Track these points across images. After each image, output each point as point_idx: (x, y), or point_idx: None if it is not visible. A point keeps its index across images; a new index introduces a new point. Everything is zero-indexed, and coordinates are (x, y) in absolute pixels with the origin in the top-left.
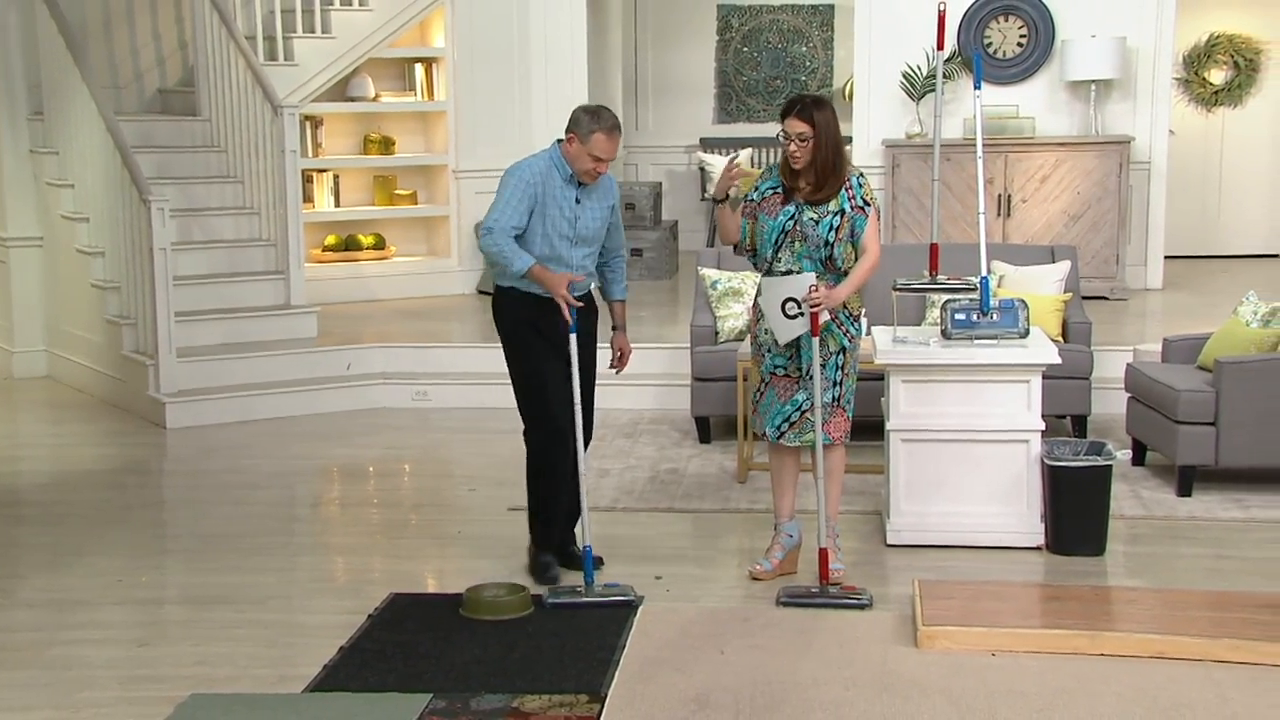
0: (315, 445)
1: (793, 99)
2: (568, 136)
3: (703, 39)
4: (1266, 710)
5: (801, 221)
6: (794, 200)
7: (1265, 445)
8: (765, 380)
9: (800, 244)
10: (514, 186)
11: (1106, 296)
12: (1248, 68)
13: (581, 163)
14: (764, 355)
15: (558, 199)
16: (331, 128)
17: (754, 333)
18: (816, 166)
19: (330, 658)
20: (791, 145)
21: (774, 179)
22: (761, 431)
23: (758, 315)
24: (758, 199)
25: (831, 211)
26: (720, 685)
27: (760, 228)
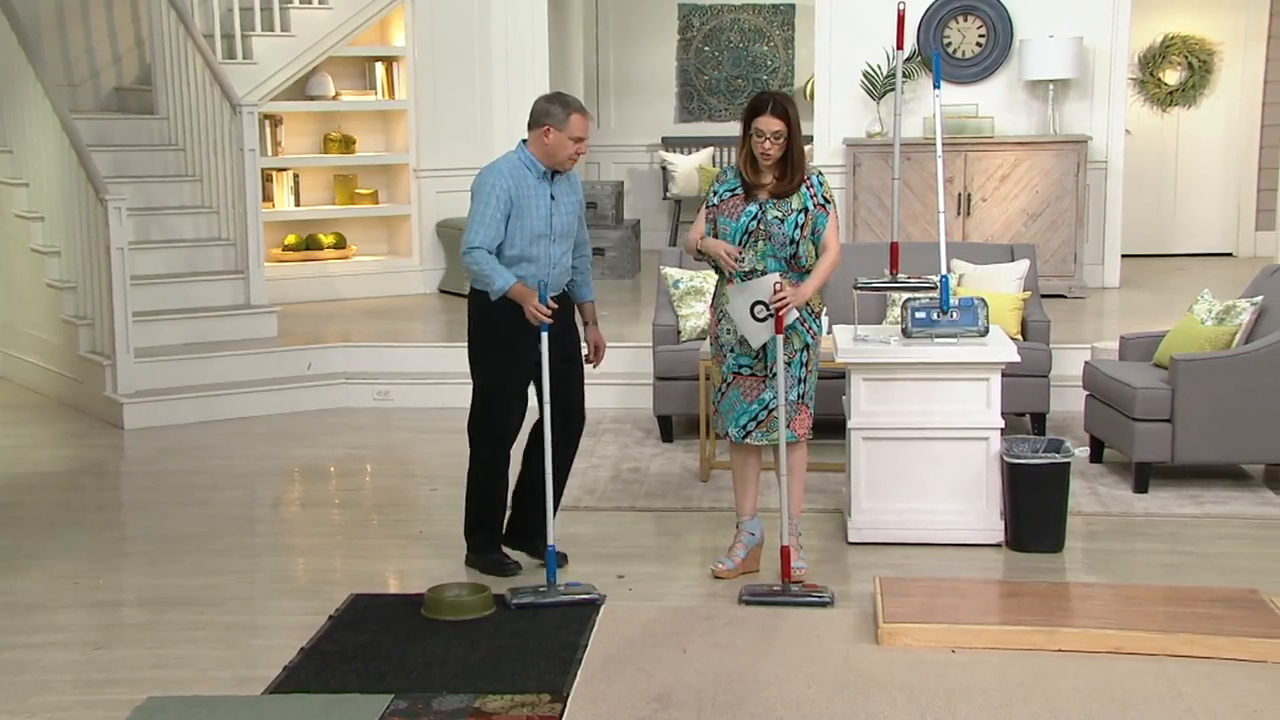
0: (276, 446)
1: (761, 97)
2: (541, 129)
3: (664, 38)
4: (1219, 704)
5: (766, 220)
6: (755, 200)
7: (1220, 442)
8: (728, 380)
9: (764, 243)
10: (486, 199)
11: (1065, 295)
12: (1201, 68)
13: (563, 149)
14: (726, 355)
15: (533, 199)
16: (291, 126)
17: (715, 333)
18: (785, 162)
19: (291, 659)
20: (765, 142)
21: (731, 181)
22: (724, 432)
23: (718, 316)
24: (716, 202)
25: (795, 209)
26: (682, 684)
27: (722, 230)
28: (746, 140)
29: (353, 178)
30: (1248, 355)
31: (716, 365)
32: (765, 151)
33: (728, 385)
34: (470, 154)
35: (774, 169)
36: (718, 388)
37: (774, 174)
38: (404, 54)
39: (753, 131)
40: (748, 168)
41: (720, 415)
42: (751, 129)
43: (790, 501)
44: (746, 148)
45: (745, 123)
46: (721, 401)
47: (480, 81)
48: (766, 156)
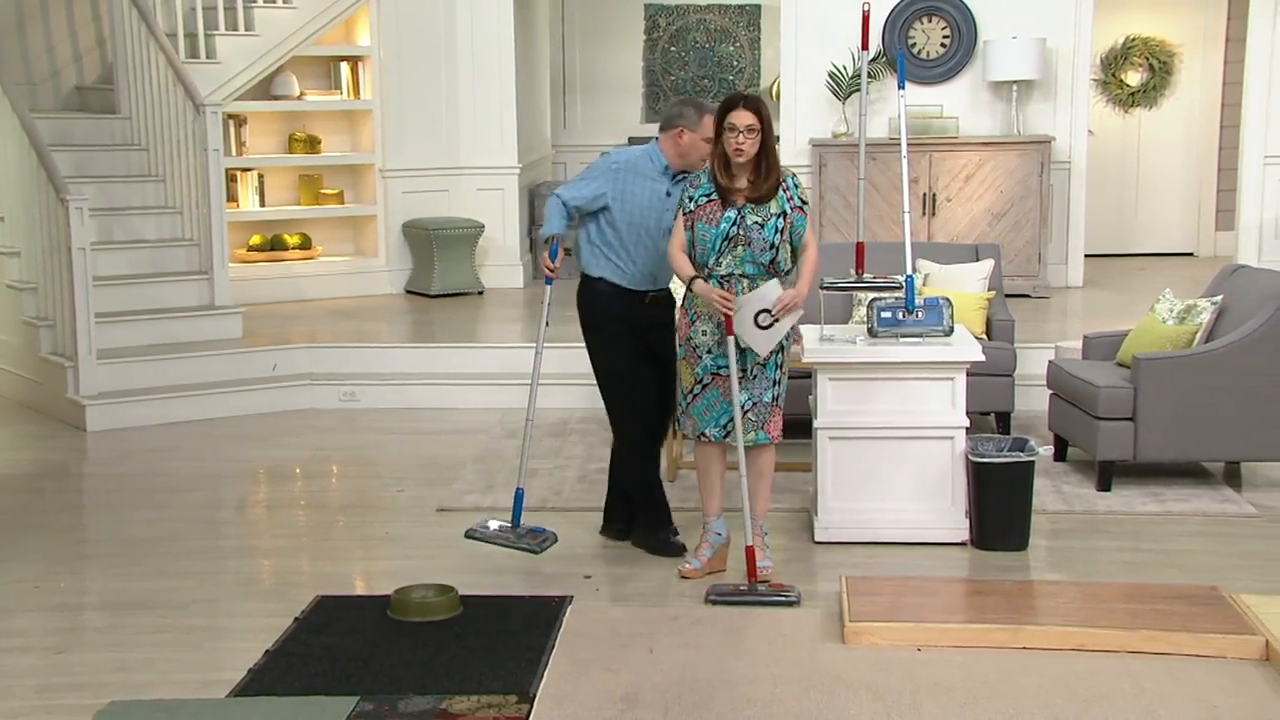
0: (241, 447)
1: (732, 95)
2: (675, 130)
3: (630, 38)
4: (1180, 699)
5: (746, 226)
6: (733, 205)
7: (1181, 440)
8: (703, 382)
9: (744, 249)
10: (595, 167)
11: (1029, 294)
12: (1162, 70)
13: (698, 150)
14: (702, 357)
15: (642, 191)
16: (256, 126)
17: (685, 335)
18: (760, 162)
19: (256, 661)
20: (740, 137)
21: (705, 185)
22: (695, 434)
23: (689, 318)
24: (693, 208)
25: (774, 214)
26: (649, 684)
27: (702, 235)
28: (719, 141)
29: (318, 178)
30: (1208, 354)
31: (688, 367)
32: (739, 147)
33: (704, 387)
34: (436, 154)
35: (748, 171)
36: (689, 389)
37: (748, 176)
38: (369, 54)
39: (726, 127)
40: (721, 171)
41: (691, 417)
42: (725, 125)
43: (757, 502)
44: (719, 149)
45: (717, 123)
46: (694, 404)
47: (446, 81)
48: (740, 153)
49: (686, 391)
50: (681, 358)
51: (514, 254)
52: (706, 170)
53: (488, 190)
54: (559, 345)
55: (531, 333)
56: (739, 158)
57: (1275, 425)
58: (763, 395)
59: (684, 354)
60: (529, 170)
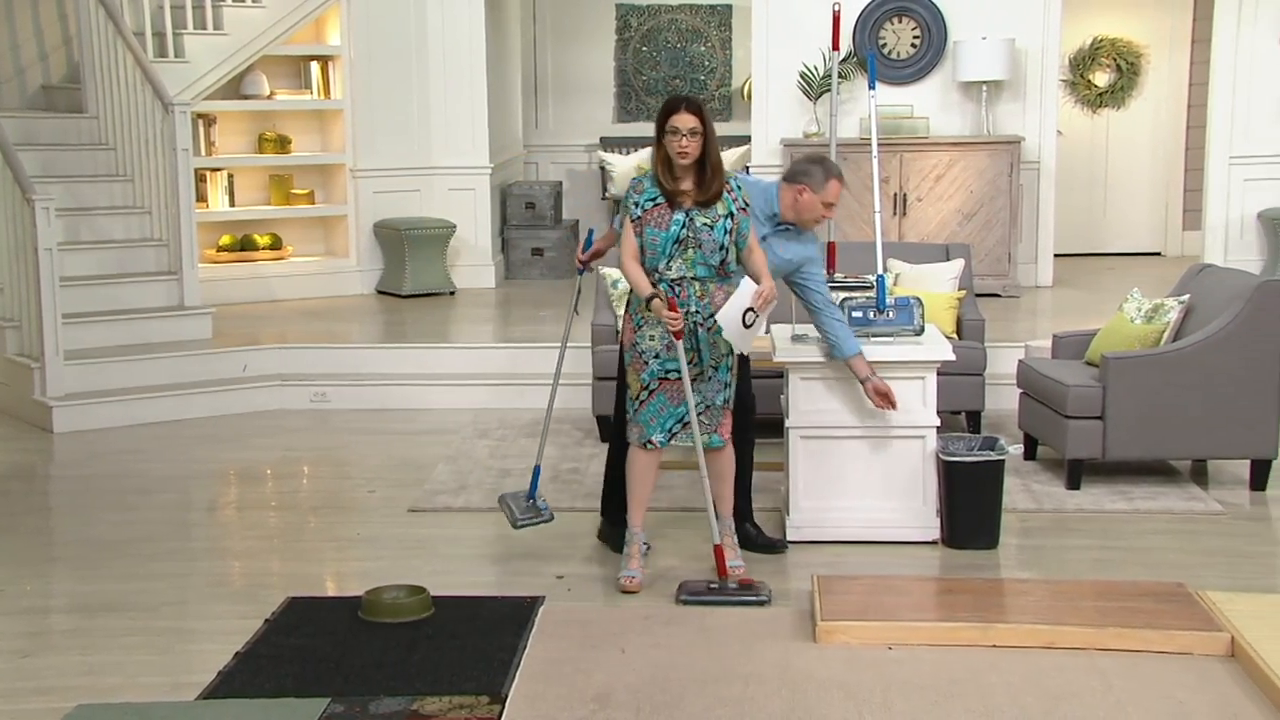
0: (210, 448)
1: (673, 97)
2: (797, 186)
3: (602, 38)
4: (1147, 696)
5: (695, 228)
6: (680, 207)
7: (1149, 438)
8: (649, 387)
9: (694, 251)
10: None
11: (999, 294)
12: (1129, 70)
13: (813, 211)
14: (649, 362)
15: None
16: (225, 126)
17: (631, 341)
18: (704, 163)
19: (225, 664)
20: (683, 140)
21: (650, 190)
22: (642, 441)
23: (635, 324)
24: (640, 214)
25: (722, 215)
26: (621, 684)
27: (651, 240)
28: (661, 145)
29: (288, 178)
30: (1175, 353)
31: (635, 373)
32: (683, 149)
33: (650, 392)
34: (408, 154)
35: (692, 173)
36: (635, 396)
37: (692, 179)
38: (339, 53)
39: (669, 130)
40: (665, 173)
41: (637, 424)
42: (667, 128)
43: (721, 503)
44: (662, 152)
45: (659, 126)
46: (641, 410)
47: (417, 81)
48: (684, 155)
49: (633, 398)
50: (629, 364)
51: (486, 254)
52: (649, 174)
53: (459, 190)
54: (530, 345)
55: (503, 333)
56: (683, 160)
57: (1240, 423)
58: (715, 398)
59: (629, 360)
60: (501, 170)
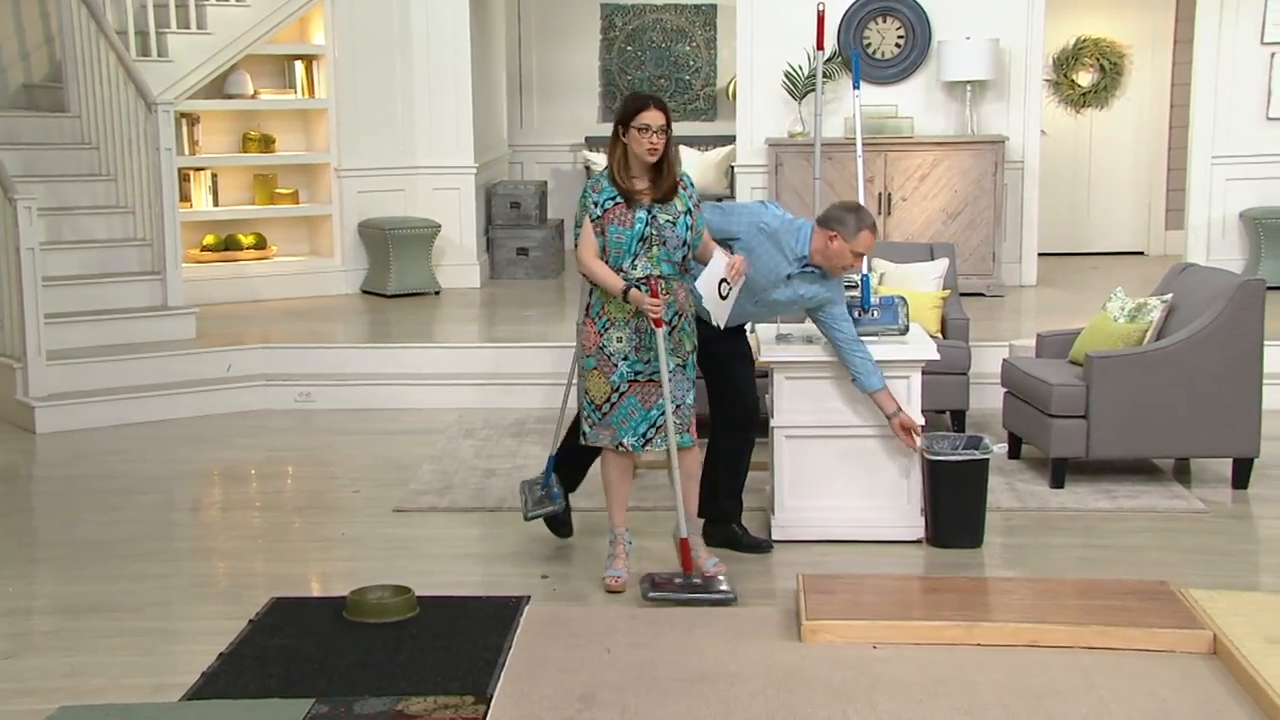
0: (194, 449)
1: (639, 95)
2: (829, 233)
3: (587, 38)
4: (1130, 693)
5: (658, 225)
6: (640, 205)
7: (1132, 437)
8: (619, 390)
9: (659, 248)
10: (748, 210)
11: (983, 293)
12: (1113, 70)
13: (843, 259)
14: (618, 365)
15: (777, 261)
16: (209, 125)
17: (597, 344)
18: (665, 161)
19: (209, 665)
20: (654, 137)
21: (608, 189)
22: (614, 444)
23: (599, 327)
24: (601, 214)
25: (681, 211)
26: (606, 684)
27: (616, 239)
28: (620, 143)
29: (272, 177)
30: (1158, 352)
31: (602, 377)
32: (654, 146)
33: (621, 395)
34: (392, 154)
35: (648, 171)
36: (606, 399)
37: (648, 177)
38: (324, 52)
39: (637, 127)
40: (622, 172)
41: (608, 428)
42: (636, 125)
43: (688, 502)
44: (621, 149)
45: (623, 123)
46: (612, 414)
47: (402, 81)
48: (654, 152)
49: (601, 402)
50: (592, 369)
51: (471, 253)
52: (604, 173)
53: (444, 190)
54: (515, 345)
55: (488, 332)
56: (651, 157)
57: (1222, 422)
58: (685, 397)
59: (595, 364)
60: (485, 170)
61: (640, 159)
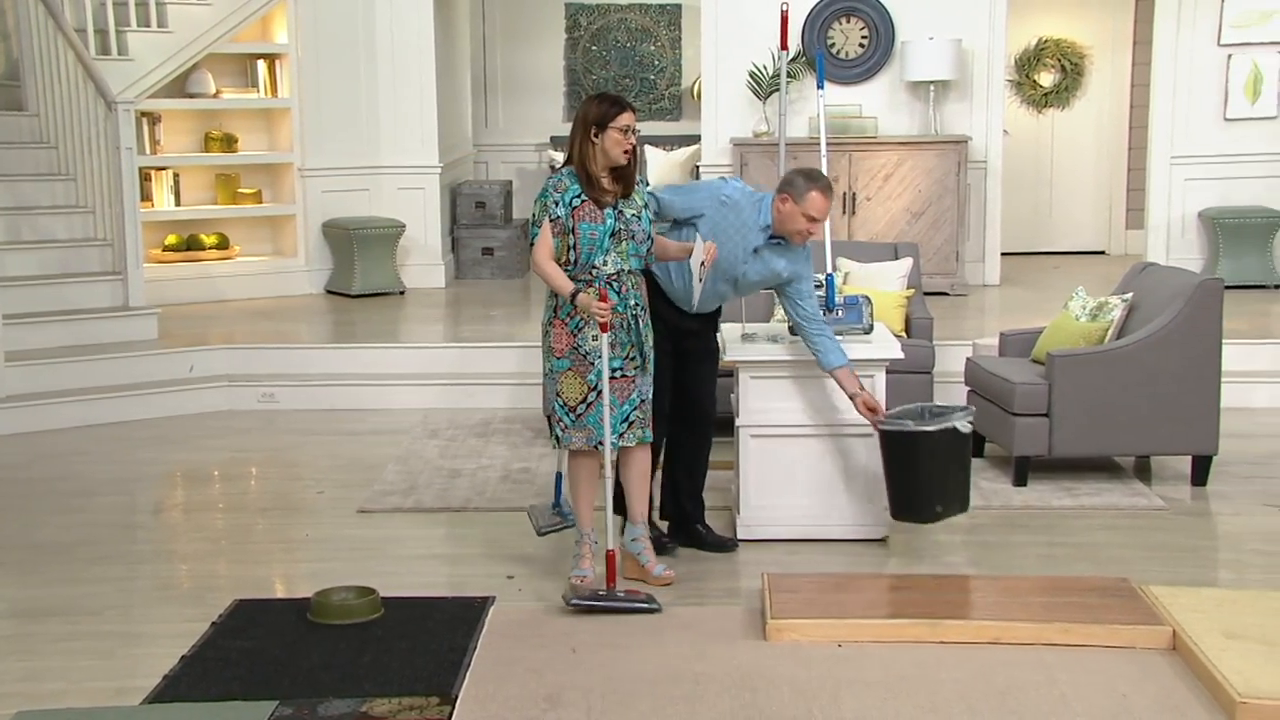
0: (156, 450)
1: (615, 97)
2: (782, 197)
3: (551, 37)
4: (1091, 689)
5: (626, 219)
6: (604, 202)
7: (1094, 435)
8: (596, 389)
9: (628, 242)
10: (708, 186)
11: (947, 292)
12: (1073, 71)
13: (795, 222)
14: (592, 364)
15: (740, 233)
16: (170, 124)
17: (570, 344)
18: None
19: (171, 668)
20: (631, 137)
21: (573, 187)
22: (591, 444)
23: (572, 328)
24: (566, 212)
25: (640, 206)
26: (572, 684)
27: (589, 235)
28: (590, 143)
29: (235, 177)
30: (1119, 350)
31: (578, 378)
32: (629, 148)
33: (599, 394)
34: (356, 153)
35: (613, 174)
36: (582, 399)
37: (614, 179)
38: (286, 51)
39: (618, 129)
40: (588, 172)
41: (584, 428)
42: (614, 127)
43: (638, 504)
44: (592, 148)
45: (598, 124)
46: (589, 413)
47: (366, 80)
48: (629, 153)
49: (577, 403)
50: (565, 369)
51: (435, 253)
52: (569, 171)
53: (408, 189)
54: (480, 345)
55: (453, 332)
56: (626, 159)
57: (1182, 420)
58: (648, 393)
59: (569, 365)
60: (450, 169)
61: (614, 159)
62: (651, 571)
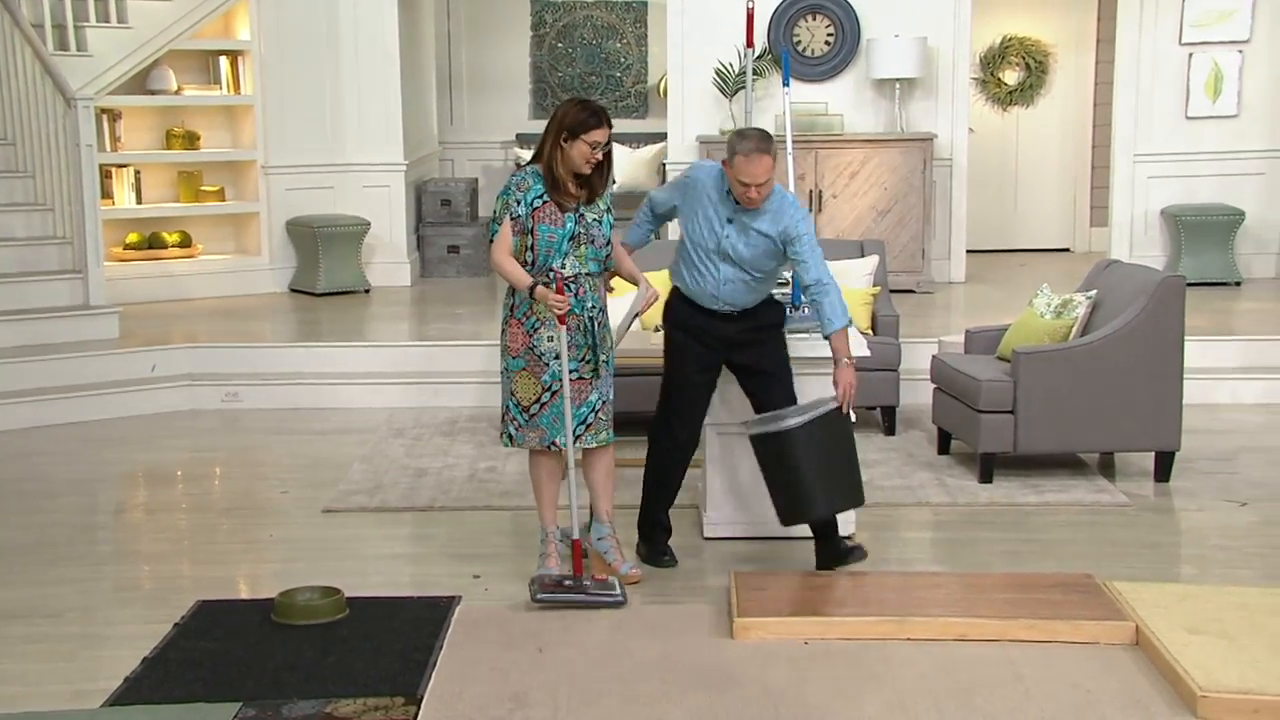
0: (118, 450)
1: (593, 110)
2: (724, 161)
3: (517, 34)
4: (1056, 685)
5: (586, 223)
6: (567, 206)
7: (1059, 432)
8: (551, 389)
9: (587, 247)
10: (683, 173)
11: (913, 290)
12: (1038, 69)
13: (735, 186)
14: (547, 365)
15: (707, 208)
16: (131, 121)
17: (526, 344)
18: (598, 172)
19: (133, 669)
20: (598, 153)
21: (537, 188)
22: (544, 444)
23: (528, 328)
24: (528, 212)
25: (603, 210)
26: (538, 683)
27: (547, 238)
28: (559, 147)
29: (197, 174)
30: (1083, 347)
31: (532, 379)
32: (594, 160)
33: (552, 394)
34: (321, 150)
35: (581, 183)
36: (535, 399)
37: (580, 188)
38: (249, 48)
39: (587, 142)
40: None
41: (537, 428)
42: (584, 139)
43: (604, 502)
44: (561, 153)
45: (570, 131)
46: (542, 413)
47: (330, 77)
48: (590, 165)
49: (530, 403)
50: (520, 369)
51: (401, 251)
52: (531, 171)
53: (374, 187)
54: (447, 344)
55: (418, 331)
56: (587, 170)
57: (1145, 416)
58: (608, 393)
59: (524, 365)
60: (416, 167)
61: (576, 168)
62: (619, 570)
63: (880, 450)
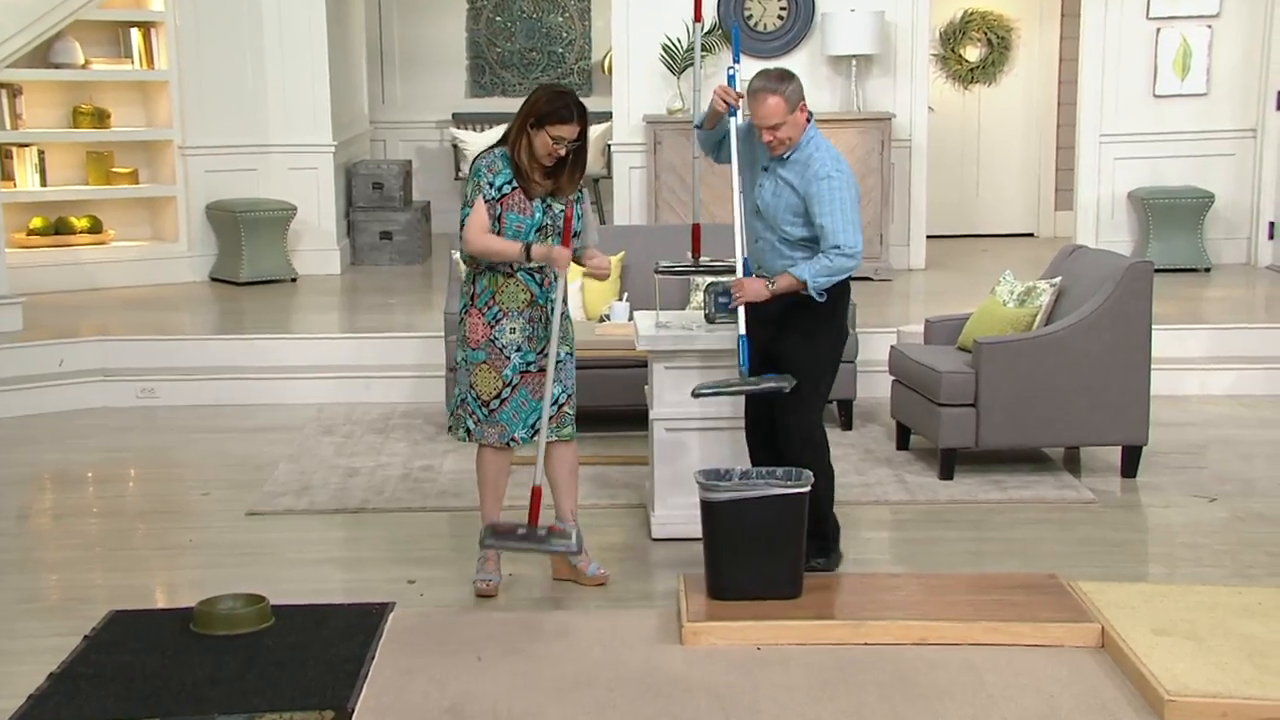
0: (22, 451)
1: (564, 101)
2: None
3: (453, 7)
4: (1019, 690)
5: (554, 215)
6: (535, 195)
7: (1022, 426)
8: (511, 384)
9: (554, 238)
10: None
11: (871, 277)
12: (1000, 45)
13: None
14: (508, 358)
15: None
16: (34, 97)
17: (487, 336)
18: (567, 165)
19: (38, 686)
20: (562, 148)
21: (505, 172)
22: (503, 441)
23: (490, 318)
24: (497, 196)
25: (572, 200)
26: (477, 694)
27: (515, 226)
28: (523, 136)
29: (108, 155)
30: (1047, 337)
31: (493, 372)
32: (556, 154)
33: (513, 389)
34: (243, 130)
35: (552, 175)
36: (496, 394)
37: (542, 172)
38: (163, 19)
39: (552, 136)
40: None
41: (496, 424)
42: (549, 131)
43: (567, 501)
44: (524, 141)
45: (537, 119)
46: (502, 409)
47: (251, 51)
48: (553, 158)
49: (491, 397)
50: (480, 362)
51: (330, 238)
52: (502, 154)
53: (300, 169)
54: (380, 335)
55: (349, 322)
56: (548, 163)
57: (1112, 409)
58: (570, 387)
59: (484, 357)
60: (345, 148)
61: (539, 159)
62: (585, 571)
63: (837, 446)
